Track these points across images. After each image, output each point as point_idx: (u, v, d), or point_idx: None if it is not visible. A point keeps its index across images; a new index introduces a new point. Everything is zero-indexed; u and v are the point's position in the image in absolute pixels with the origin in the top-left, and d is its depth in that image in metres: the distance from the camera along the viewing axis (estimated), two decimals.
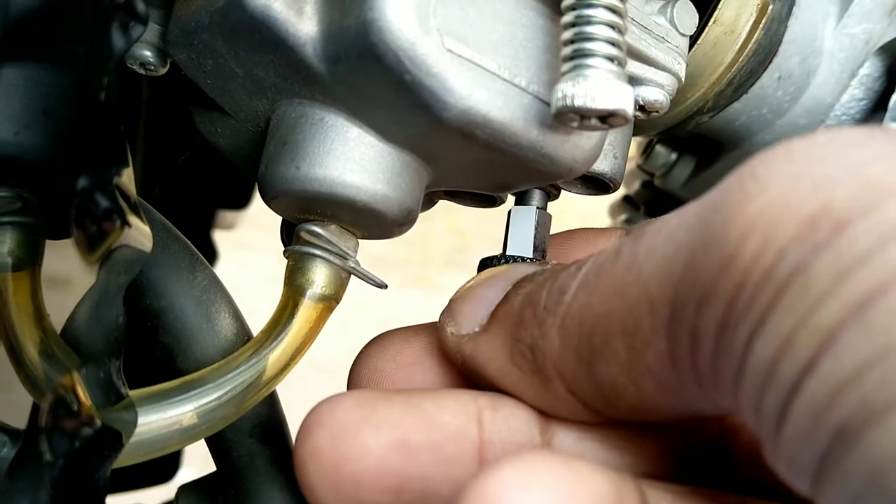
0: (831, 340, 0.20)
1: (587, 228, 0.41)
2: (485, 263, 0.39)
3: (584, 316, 0.27)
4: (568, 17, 0.30)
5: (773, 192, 0.22)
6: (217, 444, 0.43)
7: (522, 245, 0.40)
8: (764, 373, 0.21)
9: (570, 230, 0.42)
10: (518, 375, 0.30)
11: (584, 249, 0.40)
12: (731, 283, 0.22)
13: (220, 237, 0.96)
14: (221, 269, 0.62)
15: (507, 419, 0.31)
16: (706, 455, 0.32)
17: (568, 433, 0.31)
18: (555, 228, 0.41)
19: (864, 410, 0.19)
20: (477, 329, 0.32)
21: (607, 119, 0.30)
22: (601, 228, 0.41)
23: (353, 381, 0.36)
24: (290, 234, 0.39)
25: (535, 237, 0.40)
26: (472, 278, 0.34)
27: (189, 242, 0.42)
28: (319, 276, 0.37)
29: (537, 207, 0.40)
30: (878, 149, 0.22)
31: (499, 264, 0.38)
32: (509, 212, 0.41)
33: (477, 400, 0.31)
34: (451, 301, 0.34)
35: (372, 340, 0.36)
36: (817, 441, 0.20)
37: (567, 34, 0.30)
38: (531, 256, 0.39)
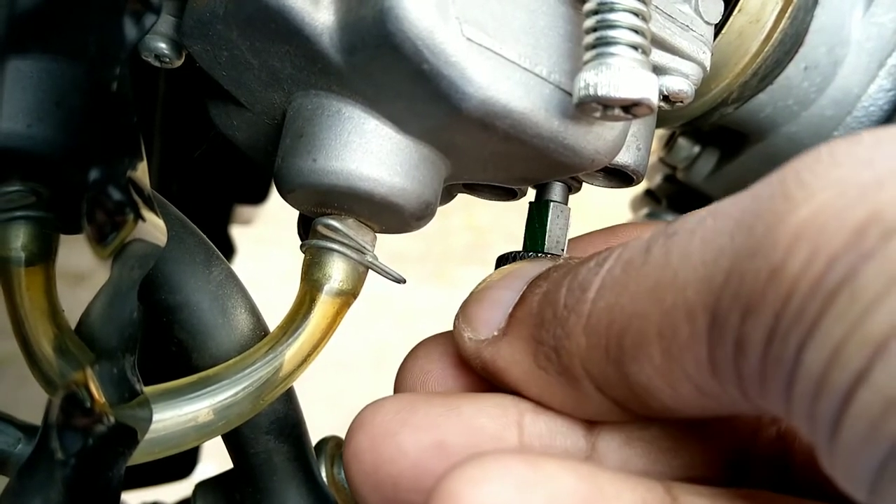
0: (882, 350, 0.20)
1: (632, 224, 0.41)
2: (502, 260, 0.38)
3: (613, 316, 0.26)
4: (590, 4, 0.30)
5: (820, 199, 0.22)
6: (234, 442, 0.43)
7: (541, 240, 0.39)
8: (815, 382, 0.21)
9: (616, 225, 0.41)
10: (543, 378, 0.29)
11: None
12: (779, 292, 0.22)
13: (238, 233, 0.96)
14: (240, 265, 0.62)
15: (549, 423, 0.31)
16: (761, 458, 0.31)
17: (613, 437, 0.31)
18: (574, 223, 0.40)
19: None
20: (496, 333, 0.31)
21: (631, 109, 0.29)
22: (646, 222, 0.40)
23: (400, 384, 0.36)
24: (307, 228, 0.38)
25: (553, 232, 0.39)
26: (485, 279, 0.34)
27: (205, 237, 0.42)
28: (337, 271, 0.37)
29: (557, 201, 0.40)
30: None
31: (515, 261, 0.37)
32: (530, 204, 0.40)
33: (519, 404, 0.31)
34: (464, 304, 0.33)
35: (419, 344, 0.36)
36: (873, 452, 0.20)
37: (589, 22, 0.30)
38: (549, 252, 0.38)
